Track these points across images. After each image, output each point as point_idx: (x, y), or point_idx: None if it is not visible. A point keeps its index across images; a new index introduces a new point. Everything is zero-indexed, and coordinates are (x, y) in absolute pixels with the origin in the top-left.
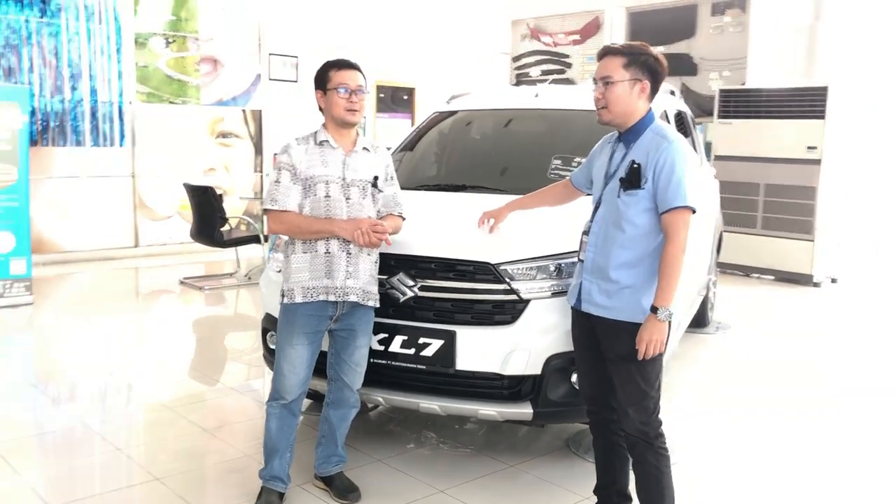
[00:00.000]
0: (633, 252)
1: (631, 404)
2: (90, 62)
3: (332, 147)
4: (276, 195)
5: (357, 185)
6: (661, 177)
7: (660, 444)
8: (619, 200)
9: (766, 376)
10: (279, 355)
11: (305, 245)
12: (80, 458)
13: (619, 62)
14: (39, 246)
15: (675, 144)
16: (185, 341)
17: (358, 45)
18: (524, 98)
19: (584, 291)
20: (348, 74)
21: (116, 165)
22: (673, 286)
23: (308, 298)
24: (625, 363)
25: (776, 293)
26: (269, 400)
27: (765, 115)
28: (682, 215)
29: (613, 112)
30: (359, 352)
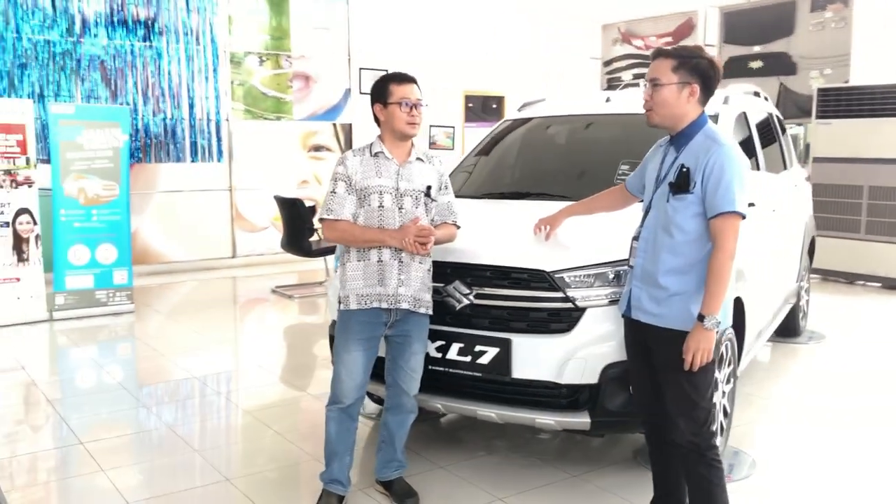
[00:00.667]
0: (683, 258)
1: (680, 414)
2: (189, 82)
3: (387, 158)
4: (331, 205)
5: (410, 195)
6: (709, 181)
7: (712, 456)
8: (668, 205)
9: (859, 388)
10: (336, 360)
11: (359, 253)
12: (159, 458)
13: (669, 65)
14: (145, 257)
15: (726, 148)
16: (273, 348)
17: (446, 56)
18: (595, 104)
19: (634, 298)
20: (409, 88)
21: (215, 179)
22: (720, 294)
23: (362, 305)
24: (674, 372)
25: (880, 301)
26: (328, 404)
27: (867, 113)
28: (730, 221)
29: (660, 114)
30: (414, 358)
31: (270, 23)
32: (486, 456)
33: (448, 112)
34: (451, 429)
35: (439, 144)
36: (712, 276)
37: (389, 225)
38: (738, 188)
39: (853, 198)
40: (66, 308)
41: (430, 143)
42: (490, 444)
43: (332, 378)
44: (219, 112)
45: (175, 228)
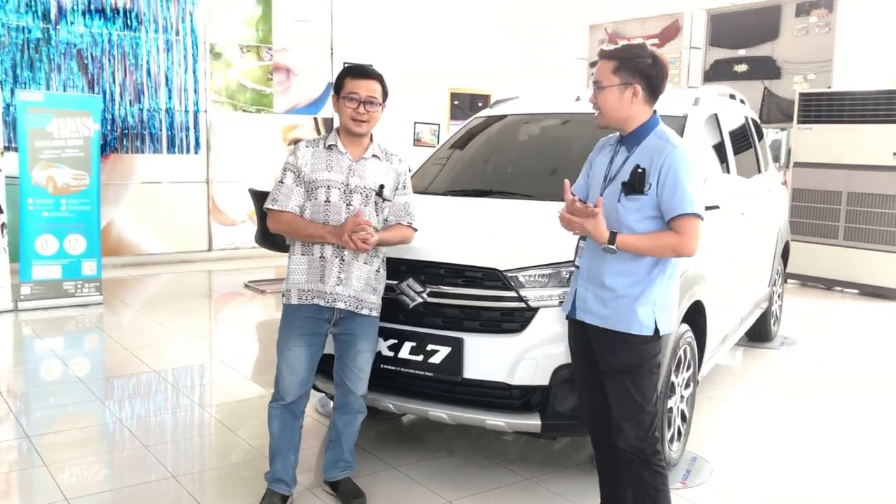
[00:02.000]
0: (629, 260)
1: (626, 419)
2: (167, 72)
3: (340, 152)
4: (277, 195)
5: (360, 193)
6: (666, 183)
7: (656, 461)
8: (619, 205)
9: (824, 393)
10: (279, 356)
11: (303, 247)
12: (108, 453)
13: (610, 66)
14: (119, 249)
15: (679, 150)
16: (242, 344)
17: (432, 52)
18: (565, 102)
19: (579, 299)
20: (362, 84)
21: (192, 172)
22: (642, 247)
23: (303, 301)
24: (619, 376)
25: (857, 308)
26: (271, 401)
27: (848, 119)
28: (690, 222)
29: (606, 117)
30: (361, 357)
31: (252, 14)
32: (445, 457)
33: (433, 109)
34: (412, 428)
35: (424, 141)
36: (655, 241)
37: (335, 221)
38: (694, 190)
39: (832, 203)
40: (32, 298)
41: (415, 140)
42: (451, 444)
43: (275, 374)
44: (197, 103)
45: (151, 220)
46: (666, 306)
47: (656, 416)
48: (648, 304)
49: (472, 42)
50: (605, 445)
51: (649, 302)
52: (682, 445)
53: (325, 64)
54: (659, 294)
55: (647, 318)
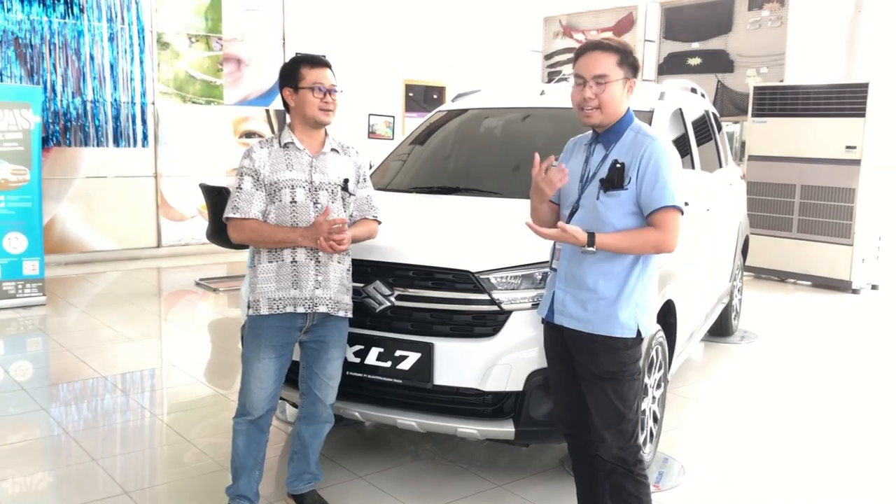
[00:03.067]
0: (612, 261)
1: (607, 428)
2: (112, 62)
3: (298, 149)
4: (237, 202)
5: (326, 189)
6: (646, 177)
7: (639, 471)
8: (598, 203)
9: (790, 391)
10: (246, 369)
11: (271, 254)
12: (53, 468)
13: (613, 59)
14: (63, 246)
15: (658, 142)
16: (195, 345)
17: (386, 43)
18: (530, 96)
19: (558, 302)
20: (322, 73)
21: (140, 165)
22: (621, 246)
23: (274, 310)
24: (600, 382)
25: (812, 300)
26: (236, 416)
27: (801, 113)
28: (670, 216)
29: (606, 113)
30: (331, 365)
31: (200, 3)
32: (410, 462)
33: (388, 101)
34: (375, 433)
35: (379, 134)
36: (636, 238)
37: (303, 222)
38: (674, 182)
39: (786, 196)
40: None
41: (370, 132)
42: (416, 448)
43: (240, 388)
44: (144, 95)
45: (96, 216)
46: (647, 307)
47: (637, 424)
48: (630, 305)
49: (426, 33)
50: (583, 453)
51: (630, 303)
52: (654, 447)
53: (277, 54)
54: (640, 294)
55: (629, 320)
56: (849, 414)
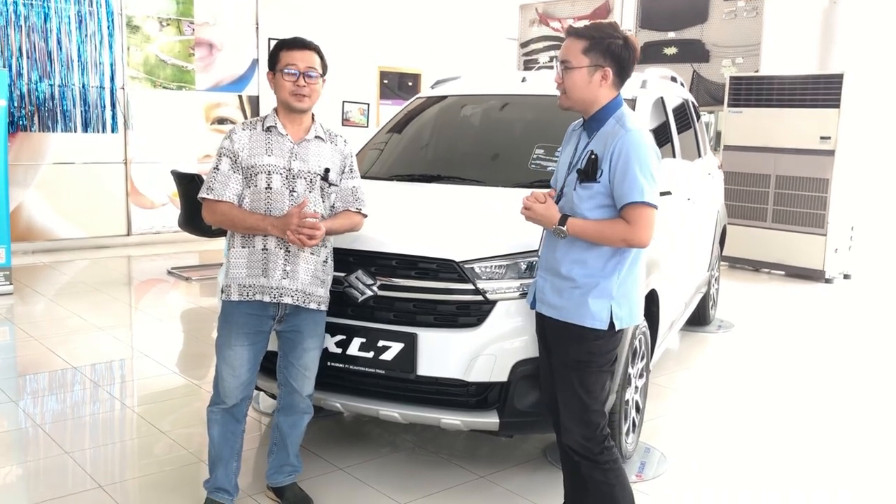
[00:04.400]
0: (584, 249)
1: (571, 417)
2: (80, 46)
3: (280, 134)
4: (212, 183)
5: (304, 178)
6: (617, 169)
7: (605, 459)
8: (574, 193)
9: (767, 380)
10: (218, 357)
11: (244, 239)
12: (23, 461)
13: (580, 46)
14: (29, 234)
15: (632, 134)
16: (167, 335)
17: (360, 29)
18: (511, 83)
19: (538, 290)
20: (299, 55)
21: (109, 151)
22: (591, 235)
23: (244, 297)
24: (566, 371)
25: (786, 289)
26: (210, 405)
27: (777, 103)
28: (640, 211)
29: (571, 98)
30: (307, 355)
31: None
32: (391, 454)
33: (362, 88)
34: (355, 424)
35: (353, 121)
36: (605, 228)
37: (278, 210)
38: (644, 177)
39: (761, 186)
40: None
41: (344, 120)
42: (397, 438)
43: (214, 376)
44: (114, 79)
45: (64, 203)
46: (624, 300)
47: (604, 417)
48: (604, 296)
49: (401, 20)
50: None
51: (604, 294)
52: (636, 437)
53: (250, 39)
54: (617, 287)
55: (600, 311)
56: (824, 401)
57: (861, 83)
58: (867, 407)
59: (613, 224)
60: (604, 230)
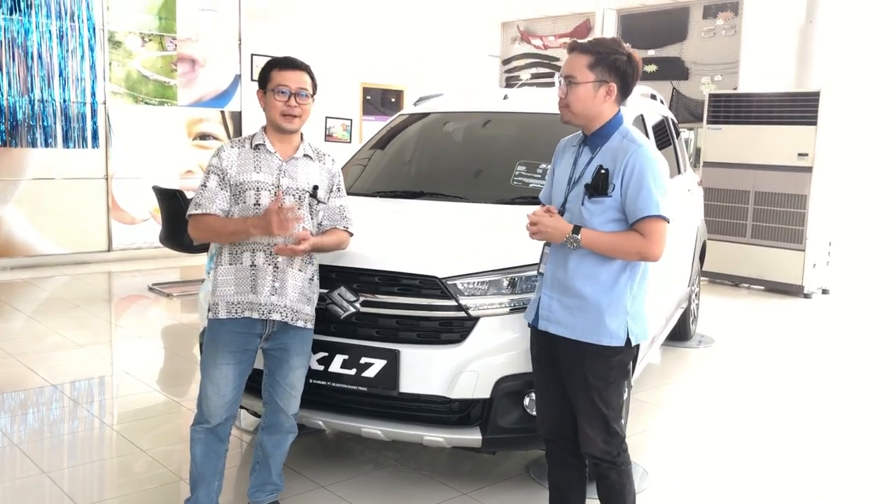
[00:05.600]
0: (597, 265)
1: (593, 429)
2: (61, 61)
3: (269, 152)
4: (199, 199)
5: (292, 195)
6: (630, 184)
7: (622, 461)
8: (583, 208)
9: (748, 395)
10: (203, 375)
11: (232, 256)
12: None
13: (585, 61)
14: (9, 250)
15: (645, 149)
16: (148, 352)
17: (343, 45)
18: (493, 101)
19: (543, 307)
20: (291, 75)
21: (90, 167)
22: (605, 247)
23: (232, 314)
24: (585, 388)
25: (765, 304)
26: (193, 424)
27: (755, 120)
28: (655, 225)
29: (574, 113)
30: (294, 373)
31: (153, 1)
32: (374, 471)
33: (345, 104)
34: (337, 441)
35: (336, 137)
36: (621, 241)
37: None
38: (659, 191)
39: (740, 202)
40: None
41: (327, 136)
42: (379, 455)
43: (198, 395)
44: (95, 94)
45: (44, 219)
46: (638, 315)
47: (622, 420)
48: (619, 313)
49: (384, 36)
50: (560, 460)
51: (620, 311)
52: None
53: (232, 55)
54: (630, 302)
55: (618, 329)
56: (805, 416)
57: (837, 101)
58: (848, 421)
59: (629, 237)
60: (619, 242)
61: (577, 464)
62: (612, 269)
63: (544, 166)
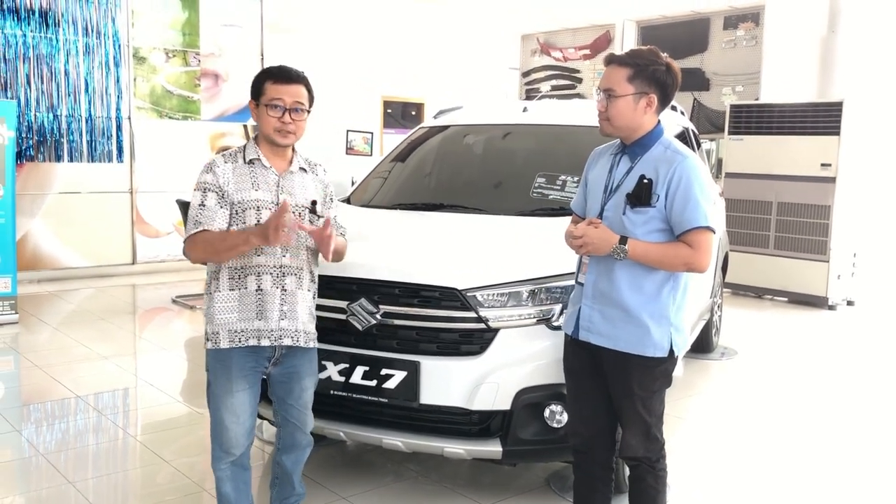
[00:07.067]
0: (641, 276)
1: (635, 435)
2: (87, 77)
3: (264, 167)
4: (199, 218)
5: (292, 211)
6: (676, 196)
7: (660, 467)
8: (624, 218)
9: (771, 407)
10: (218, 407)
11: (233, 281)
12: (25, 491)
13: (624, 74)
14: (35, 263)
15: (690, 160)
16: (172, 363)
17: (364, 59)
18: (512, 113)
19: (584, 319)
20: (286, 89)
21: (115, 181)
22: (653, 258)
23: (235, 343)
24: (630, 397)
25: (789, 316)
26: (214, 461)
27: (777, 131)
28: (703, 236)
29: (615, 125)
30: (306, 394)
31: (177, 17)
32: (394, 482)
33: (366, 117)
34: (358, 452)
35: (357, 150)
36: (669, 251)
37: (269, 248)
38: (706, 202)
39: (763, 213)
40: None
41: (348, 149)
42: (400, 467)
43: (212, 429)
44: (120, 109)
45: (70, 232)
46: (681, 326)
47: (661, 425)
48: (664, 324)
49: (404, 50)
50: (590, 471)
51: (664, 322)
52: None
53: (255, 70)
54: (674, 313)
55: (662, 340)
56: (830, 429)
57: (861, 110)
58: (873, 436)
59: (677, 247)
60: (668, 252)
61: (604, 476)
62: (655, 279)
63: (564, 178)
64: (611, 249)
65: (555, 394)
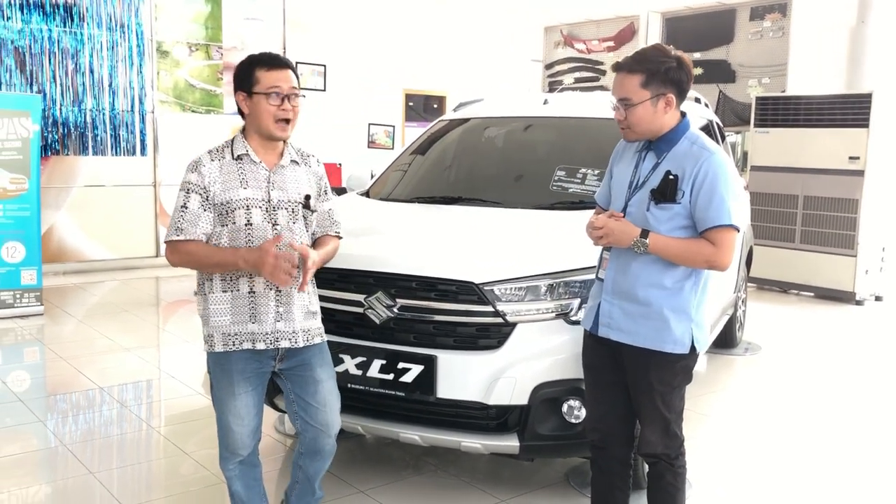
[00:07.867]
0: (662, 271)
1: (654, 432)
2: (111, 71)
3: (254, 162)
4: (181, 223)
5: (286, 208)
6: (701, 192)
7: (680, 464)
8: (648, 214)
9: (795, 404)
10: (222, 410)
11: (225, 283)
12: (48, 481)
13: (637, 81)
14: (60, 255)
15: (717, 156)
16: (194, 355)
17: (386, 52)
18: (533, 106)
19: (604, 314)
20: (282, 75)
21: (139, 174)
22: (674, 252)
23: (229, 347)
24: (650, 393)
25: (815, 311)
26: (223, 462)
27: (804, 123)
28: (726, 234)
29: (638, 132)
30: (322, 388)
31: (200, 11)
32: (413, 476)
33: (388, 110)
34: (376, 446)
35: (379, 143)
36: (691, 247)
37: None
38: (732, 199)
39: (789, 207)
40: None
41: (370, 142)
42: (418, 461)
43: (219, 431)
44: (143, 103)
45: (95, 225)
46: (702, 322)
47: (681, 423)
48: (684, 320)
49: (426, 42)
50: (608, 467)
51: (685, 318)
52: None
53: None
54: (695, 309)
55: (683, 336)
56: (856, 426)
57: (890, 102)
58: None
59: (699, 244)
60: (689, 248)
61: (622, 472)
62: (676, 275)
63: (584, 171)
64: (631, 242)
65: (573, 389)
